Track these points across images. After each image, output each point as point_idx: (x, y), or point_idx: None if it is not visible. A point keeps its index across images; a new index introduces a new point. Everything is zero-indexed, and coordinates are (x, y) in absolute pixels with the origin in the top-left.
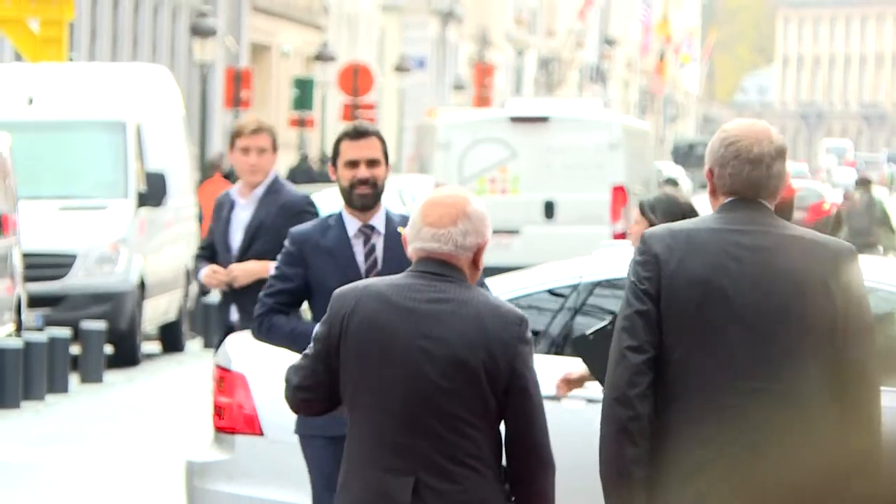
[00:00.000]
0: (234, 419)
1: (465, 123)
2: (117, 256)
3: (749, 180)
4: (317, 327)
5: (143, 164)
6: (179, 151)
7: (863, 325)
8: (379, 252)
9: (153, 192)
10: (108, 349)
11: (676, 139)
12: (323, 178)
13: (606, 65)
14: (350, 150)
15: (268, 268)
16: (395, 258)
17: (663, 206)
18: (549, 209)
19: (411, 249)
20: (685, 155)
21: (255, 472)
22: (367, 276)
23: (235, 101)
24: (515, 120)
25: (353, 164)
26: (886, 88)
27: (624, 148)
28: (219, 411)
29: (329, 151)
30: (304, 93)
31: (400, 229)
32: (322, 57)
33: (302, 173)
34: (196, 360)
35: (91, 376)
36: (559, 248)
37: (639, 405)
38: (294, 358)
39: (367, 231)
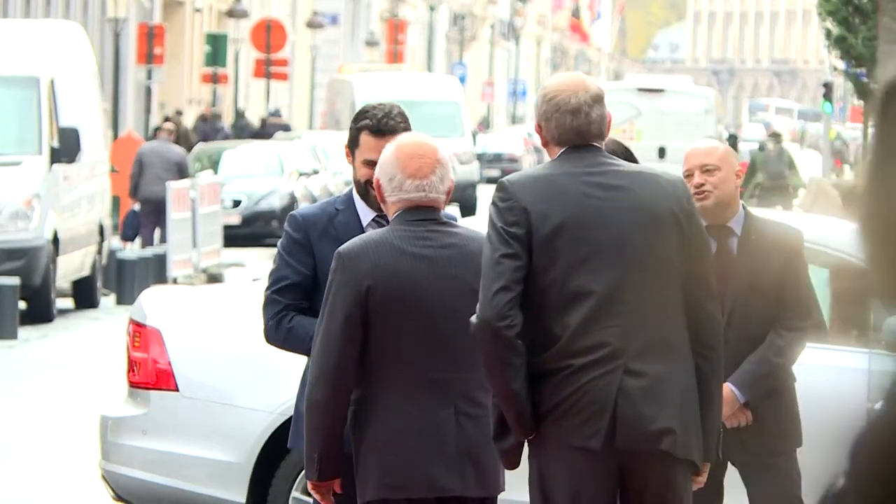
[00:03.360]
0: (148, 374)
1: (606, 91)
2: (31, 212)
3: (573, 129)
4: (331, 293)
5: (56, 119)
6: (92, 107)
7: (703, 244)
8: None
9: (67, 148)
10: (22, 305)
11: None
12: (266, 134)
13: (519, 21)
14: (370, 150)
15: None
16: None
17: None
18: (662, 152)
19: (395, 199)
20: None
21: (169, 428)
22: None
23: (148, 57)
24: (641, 90)
25: (373, 164)
26: (797, 45)
27: (713, 113)
28: (133, 367)
29: (244, 108)
30: (216, 49)
31: None
32: (235, 13)
33: (240, 129)
34: (110, 315)
35: (5, 332)
36: None
37: (512, 335)
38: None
39: (383, 221)
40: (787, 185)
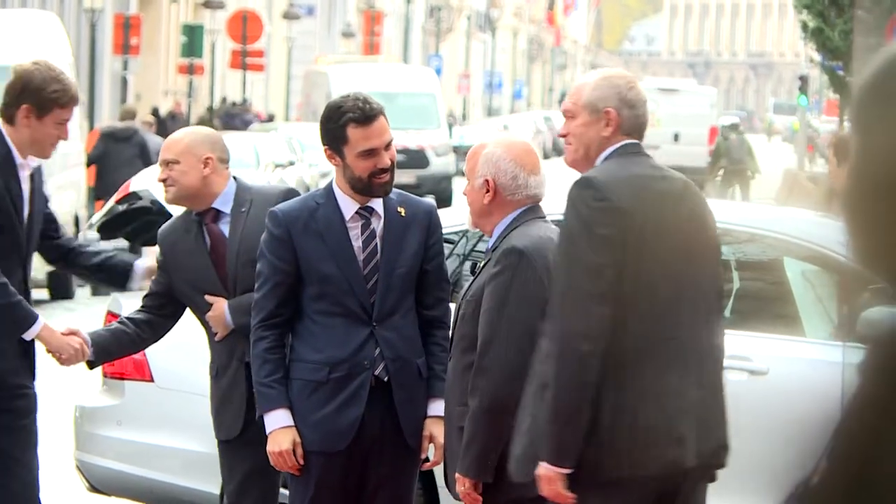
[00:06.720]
0: (123, 365)
1: None
2: None
3: (643, 124)
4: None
5: None
6: None
7: (720, 255)
8: (379, 238)
9: None
10: None
11: (564, 88)
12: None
13: (495, 13)
14: (364, 140)
15: None
16: (395, 243)
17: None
18: (676, 136)
19: (520, 197)
20: None
21: (144, 418)
22: (365, 265)
23: (124, 47)
24: (661, 90)
25: (371, 153)
26: (773, 38)
27: (716, 107)
28: None
29: (223, 97)
30: (193, 40)
31: (400, 210)
32: (211, 4)
33: (229, 117)
34: (85, 307)
35: None
36: (680, 157)
37: (597, 357)
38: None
39: (366, 214)
40: (746, 170)
